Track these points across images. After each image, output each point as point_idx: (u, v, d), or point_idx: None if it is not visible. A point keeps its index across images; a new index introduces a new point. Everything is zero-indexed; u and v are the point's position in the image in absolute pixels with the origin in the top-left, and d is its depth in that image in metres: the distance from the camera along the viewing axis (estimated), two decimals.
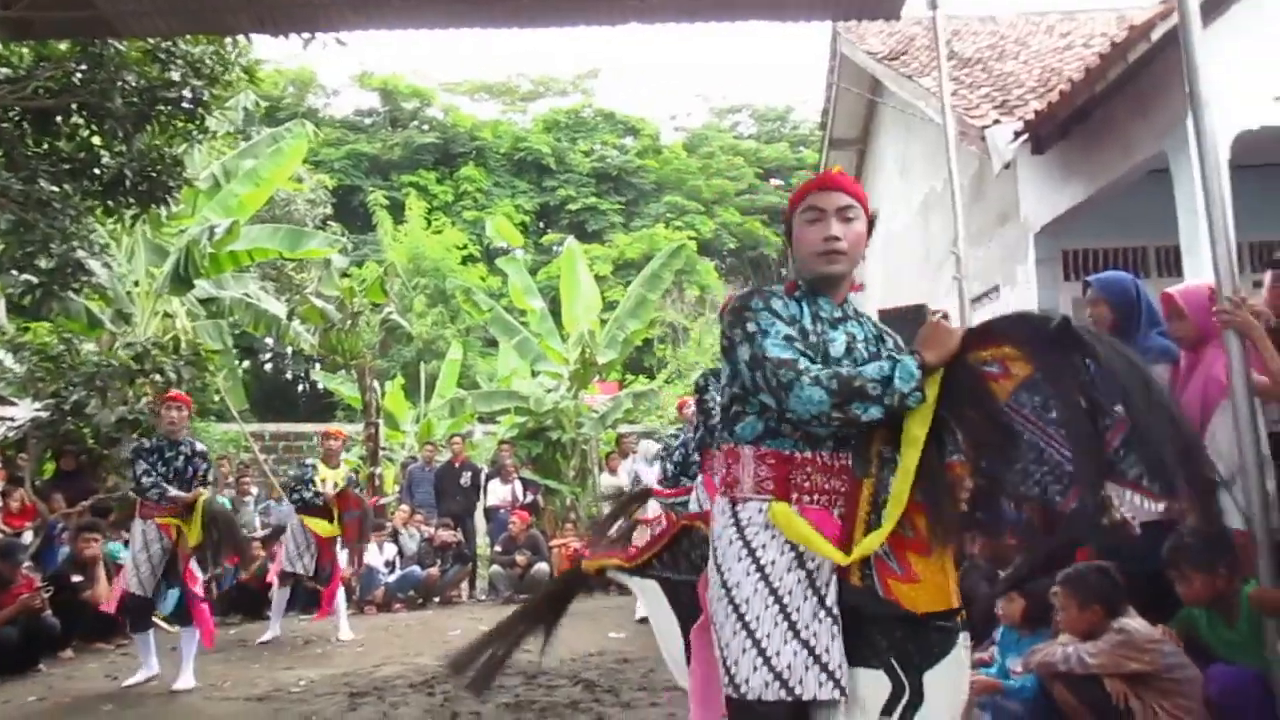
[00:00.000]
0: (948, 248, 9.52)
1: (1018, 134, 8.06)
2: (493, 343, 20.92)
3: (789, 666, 2.19)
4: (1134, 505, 2.24)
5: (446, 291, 23.44)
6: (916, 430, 2.21)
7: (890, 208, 12.64)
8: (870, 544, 2.23)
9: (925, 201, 11.33)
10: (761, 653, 2.21)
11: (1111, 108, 7.11)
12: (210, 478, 6.99)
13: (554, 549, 11.94)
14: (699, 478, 6.10)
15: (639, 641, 7.44)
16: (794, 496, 2.30)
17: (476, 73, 39.89)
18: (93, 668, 7.38)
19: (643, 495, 6.90)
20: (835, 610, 2.25)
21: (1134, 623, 3.34)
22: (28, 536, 8.89)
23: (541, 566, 11.46)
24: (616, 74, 54.95)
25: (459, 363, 18.52)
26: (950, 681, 2.21)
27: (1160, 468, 2.11)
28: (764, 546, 2.29)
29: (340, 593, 8.96)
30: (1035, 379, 2.21)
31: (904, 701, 2.19)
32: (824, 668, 2.20)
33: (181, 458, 6.68)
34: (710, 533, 2.42)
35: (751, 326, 2.32)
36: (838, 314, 2.47)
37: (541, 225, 33.11)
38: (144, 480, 6.51)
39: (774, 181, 35.26)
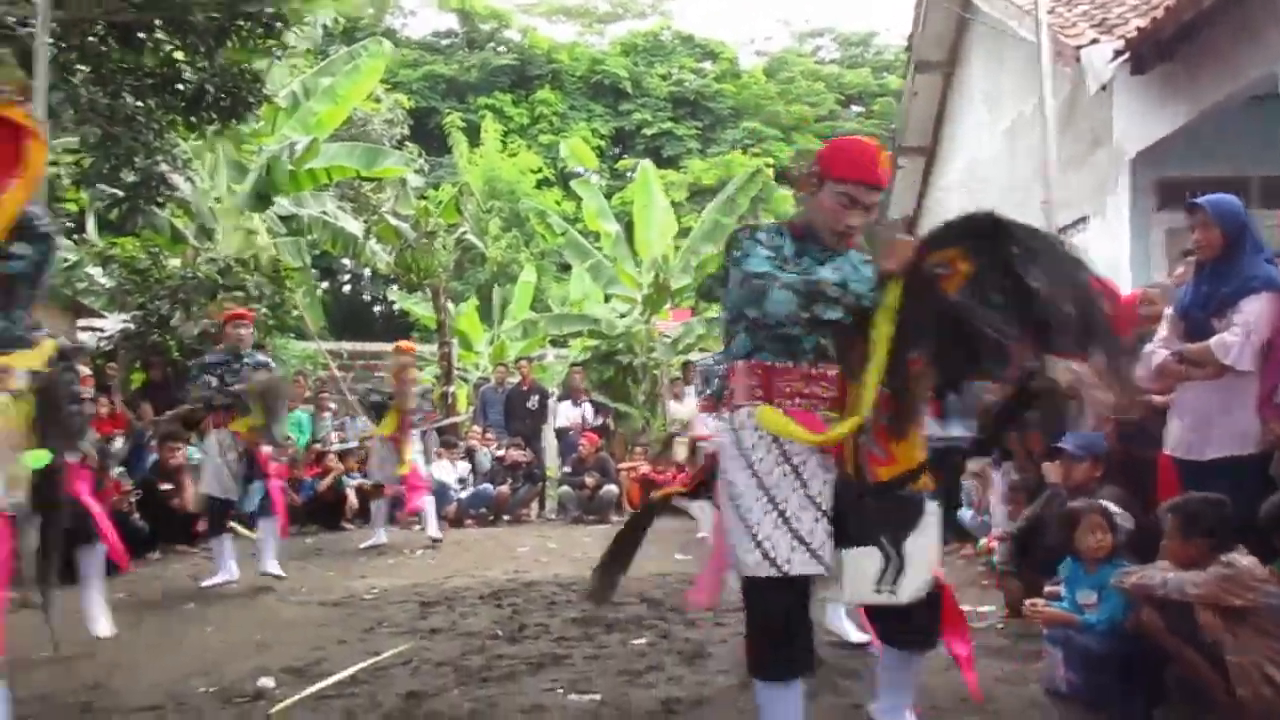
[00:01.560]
0: (1033, 176, 9.19)
1: (1117, 53, 7.68)
2: (566, 267, 20.96)
3: (775, 548, 2.63)
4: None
5: (521, 214, 23.44)
6: (882, 329, 2.59)
7: (975, 134, 12.21)
8: (840, 430, 2.65)
9: (1012, 128, 10.92)
10: (754, 538, 2.65)
11: (1218, 27, 6.72)
12: None
13: (622, 472, 12.03)
14: None
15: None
16: (777, 401, 2.72)
17: None
18: (177, 569, 7.66)
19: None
20: (819, 499, 2.67)
21: (1243, 559, 3.23)
22: (118, 444, 9.20)
23: (610, 489, 11.56)
24: None
25: (532, 285, 18.60)
26: (925, 546, 2.66)
27: (1071, 329, 2.48)
28: (753, 447, 2.71)
29: (430, 499, 9.10)
30: (977, 273, 2.55)
31: (891, 569, 2.62)
32: (809, 548, 2.63)
33: (246, 369, 6.78)
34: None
35: (737, 253, 2.73)
36: (828, 253, 2.81)
37: (617, 150, 32.83)
38: (203, 392, 6.70)
39: (855, 108, 34.41)
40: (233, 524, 7.05)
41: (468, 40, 34.80)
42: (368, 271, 25.93)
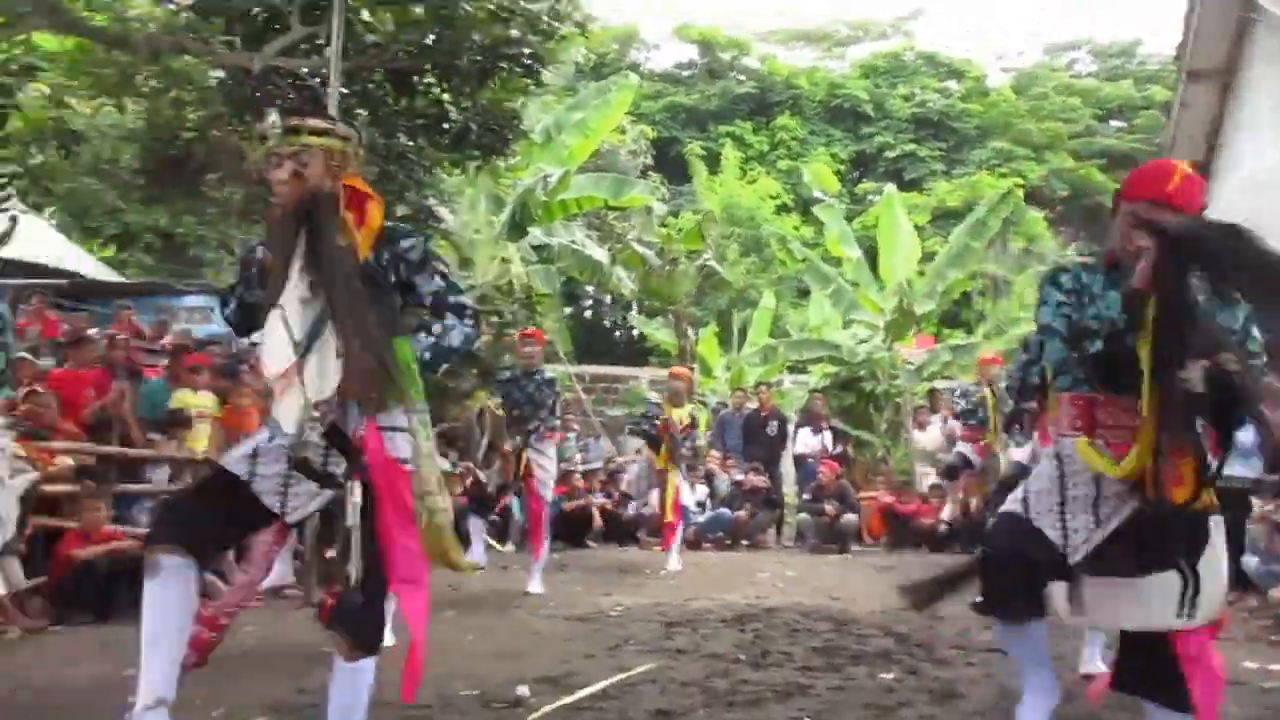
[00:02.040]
0: None
1: None
2: (804, 292, 20.80)
3: (1034, 507, 2.88)
4: None
5: (760, 240, 23.52)
6: (1141, 354, 2.60)
7: (1257, 144, 11.21)
8: (1130, 462, 2.70)
9: None
10: (1021, 498, 2.92)
11: None
12: (550, 403, 7.58)
13: (863, 501, 11.79)
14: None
15: (954, 602, 7.20)
16: (1098, 432, 2.81)
17: (793, 21, 39.39)
18: (436, 578, 8.13)
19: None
20: (1106, 526, 2.77)
21: None
22: None
23: (850, 518, 11.36)
24: (940, 14, 52.45)
25: (771, 311, 18.60)
26: (1214, 564, 2.68)
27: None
28: (1075, 474, 2.83)
29: (679, 528, 9.27)
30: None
31: (1189, 592, 2.62)
32: (1064, 530, 2.81)
33: (533, 385, 7.46)
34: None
35: (1038, 299, 2.87)
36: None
37: (857, 174, 32.37)
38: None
39: (1115, 123, 32.37)
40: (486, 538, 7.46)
41: (708, 70, 35.38)
42: (608, 297, 26.76)
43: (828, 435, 12.65)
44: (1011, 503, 2.94)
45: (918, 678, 4.70)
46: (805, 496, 12.00)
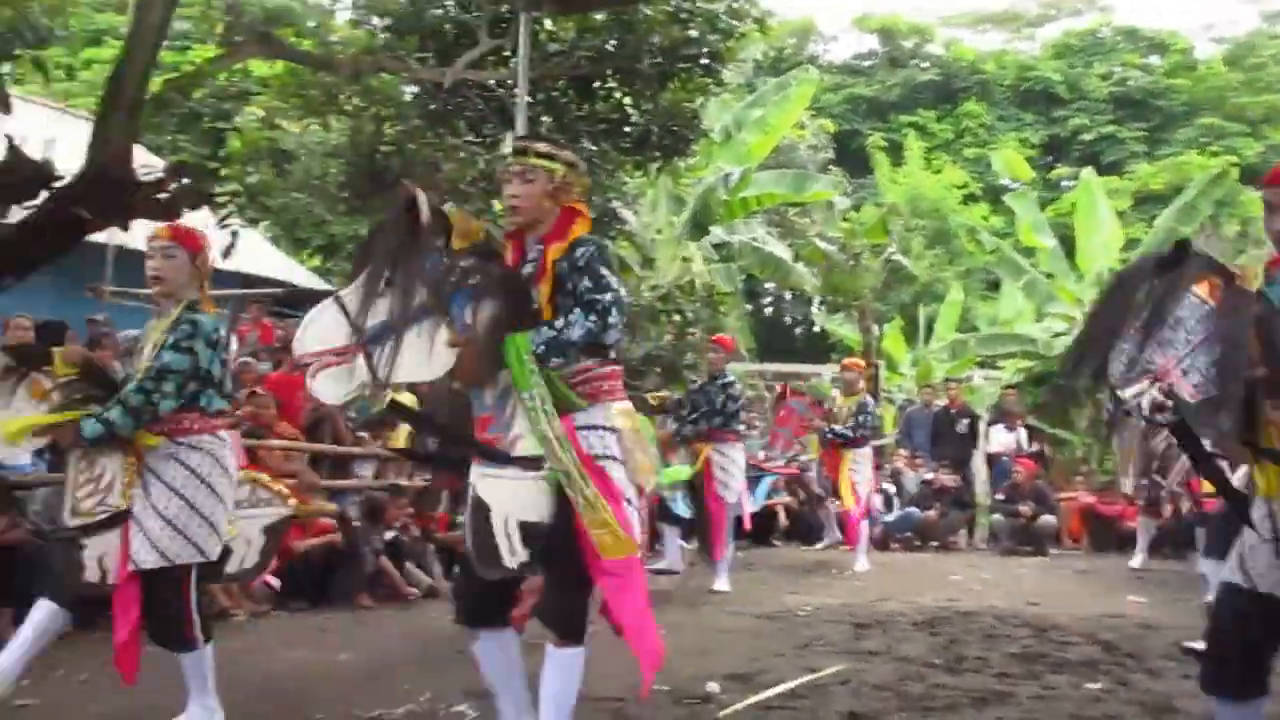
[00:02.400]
0: None
1: None
2: (994, 285, 20.06)
3: (1254, 560, 2.61)
4: None
5: (947, 232, 22.81)
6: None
7: None
8: None
9: None
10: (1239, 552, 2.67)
11: None
12: (736, 408, 7.62)
13: (1062, 502, 11.25)
14: None
15: (1164, 609, 6.80)
16: None
17: (979, 3, 38.01)
18: None
19: None
20: None
21: None
22: None
23: (1048, 520, 10.86)
24: None
25: (959, 305, 18.01)
26: None
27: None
28: None
29: (864, 525, 9.13)
30: None
31: None
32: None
33: (716, 389, 7.55)
34: None
35: None
36: None
37: (1049, 159, 30.94)
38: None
39: None
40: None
41: (889, 59, 34.58)
42: (789, 293, 26.53)
43: (1022, 433, 12.14)
44: (1230, 571, 2.72)
45: (1128, 689, 4.46)
46: (999, 497, 11.54)
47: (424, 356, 2.79)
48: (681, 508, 7.29)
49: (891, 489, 11.71)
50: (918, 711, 4.02)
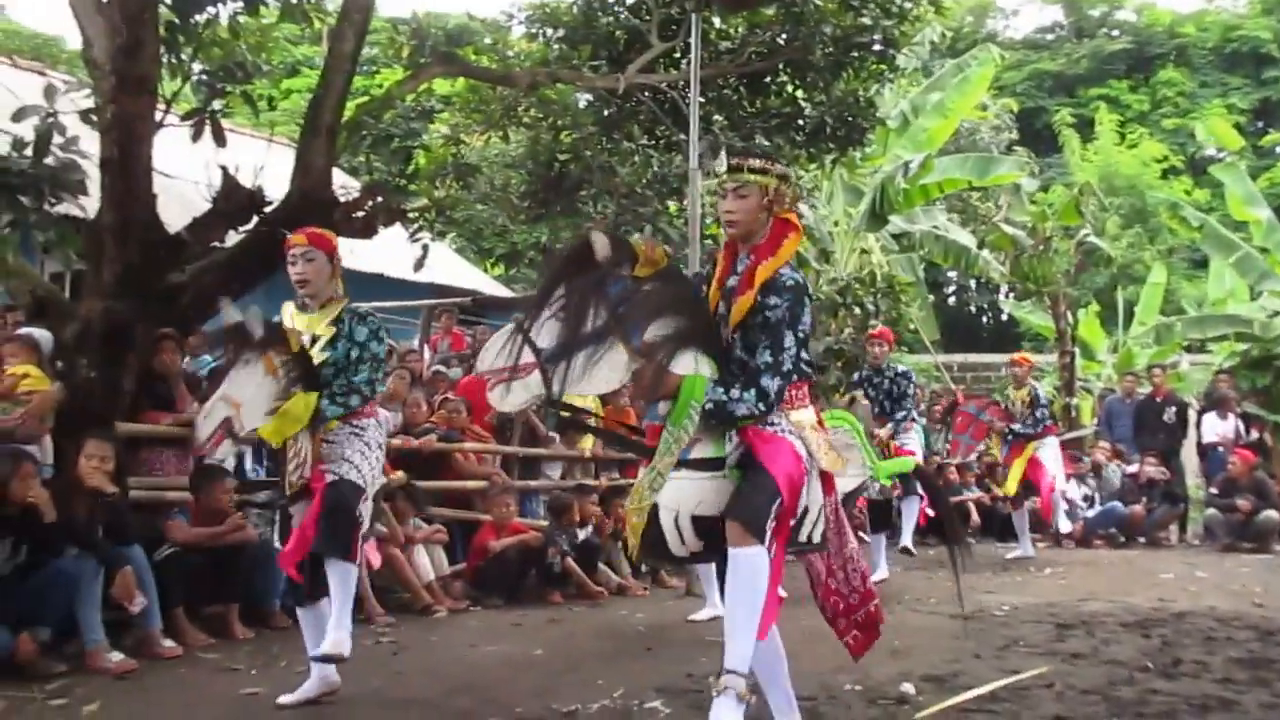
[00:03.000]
0: None
1: None
2: (1199, 263, 18.81)
3: None
4: None
5: (1145, 209, 21.49)
6: None
7: None
8: None
9: None
10: None
11: None
12: (910, 392, 7.58)
13: None
14: None
15: None
16: None
17: None
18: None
19: None
20: None
21: None
22: None
23: (1269, 515, 10.07)
24: None
25: (1161, 286, 16.92)
26: None
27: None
28: None
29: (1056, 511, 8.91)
30: None
31: None
32: None
33: (887, 380, 7.53)
34: None
35: None
36: None
37: (1260, 125, 28.69)
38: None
39: None
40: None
41: (1075, 30, 32.86)
42: (974, 281, 25.60)
43: (1238, 421, 11.31)
44: None
45: None
46: (1212, 490, 10.79)
47: (599, 372, 2.99)
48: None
49: (1092, 483, 11.13)
50: (1130, 718, 3.80)
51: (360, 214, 6.28)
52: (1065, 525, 8.69)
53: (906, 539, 7.55)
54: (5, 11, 24.47)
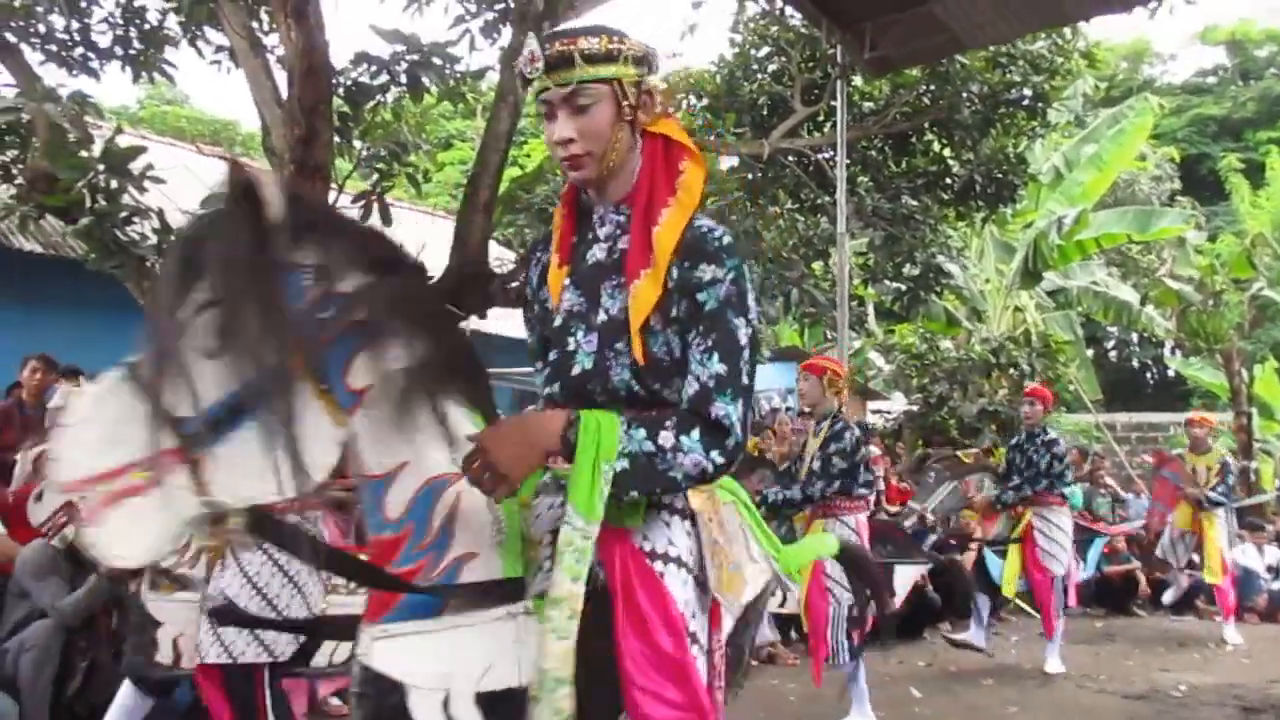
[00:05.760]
0: None
1: None
2: None
3: None
4: None
5: None
6: None
7: None
8: None
9: None
10: None
11: None
12: (1062, 469, 6.85)
13: None
14: None
15: None
16: None
17: None
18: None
19: None
20: None
21: None
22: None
23: None
24: None
25: None
26: None
27: None
28: None
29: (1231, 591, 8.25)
30: None
31: None
32: None
33: (1034, 447, 6.82)
34: None
35: None
36: None
37: None
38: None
39: None
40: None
41: (1240, 73, 31.42)
42: (1135, 337, 24.50)
43: None
44: None
45: None
46: None
47: (283, 457, 1.49)
48: (995, 572, 6.84)
49: (1276, 553, 10.39)
50: None
51: (516, 284, 6.52)
52: (1233, 633, 8.00)
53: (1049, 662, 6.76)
54: (189, 100, 26.44)
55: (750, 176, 9.86)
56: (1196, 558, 8.44)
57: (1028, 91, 9.02)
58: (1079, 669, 6.64)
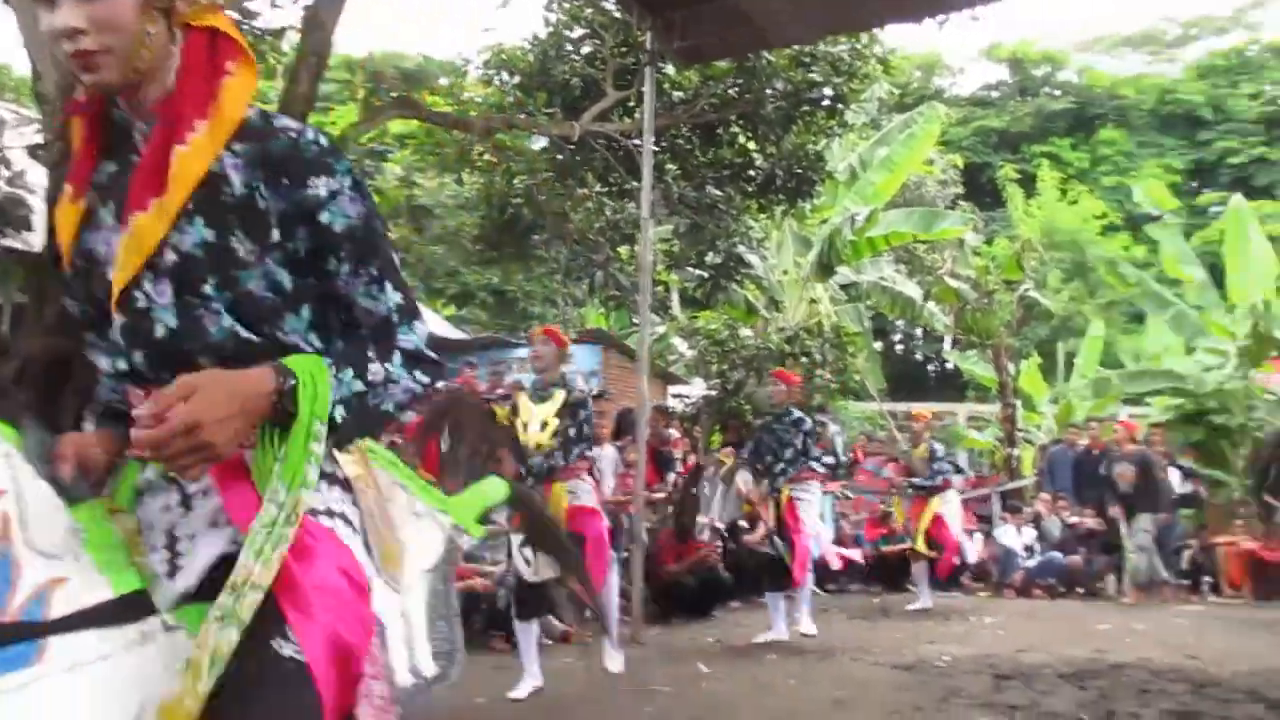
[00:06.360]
0: None
1: None
2: (1137, 318, 19.29)
3: None
4: None
5: (1085, 264, 22.06)
6: None
7: None
8: None
9: None
10: None
11: None
12: (798, 443, 7.08)
13: (1219, 547, 10.66)
14: None
15: None
16: None
17: (1114, 26, 36.92)
18: (756, 619, 8.17)
19: None
20: None
21: None
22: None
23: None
24: None
25: (1101, 340, 17.33)
26: None
27: None
28: None
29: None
30: None
31: None
32: None
33: (781, 426, 7.14)
34: None
35: None
36: None
37: (1194, 185, 29.64)
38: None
39: None
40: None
41: (1019, 89, 33.82)
42: (920, 331, 26.03)
43: (1174, 474, 11.57)
44: None
45: None
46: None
47: None
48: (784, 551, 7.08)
49: (1033, 533, 11.31)
50: None
51: None
52: (926, 598, 8.83)
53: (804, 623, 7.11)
54: None
55: (560, 158, 9.83)
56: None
57: (828, 92, 9.36)
58: (856, 643, 7.01)
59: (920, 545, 8.90)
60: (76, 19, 1.35)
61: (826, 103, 9.38)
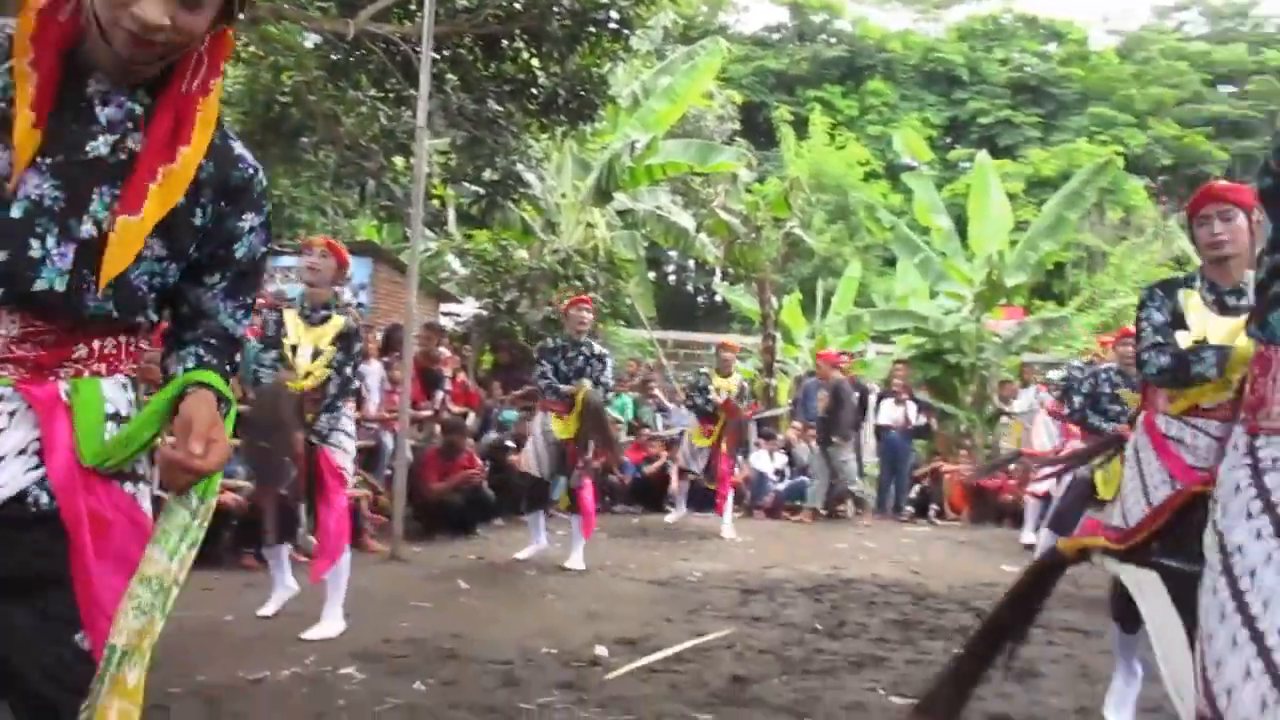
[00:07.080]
0: None
1: None
2: (891, 261, 20.53)
3: (1235, 702, 1.35)
4: None
5: (847, 208, 23.22)
6: None
7: None
8: None
9: None
10: (1262, 650, 1.35)
11: None
12: (605, 379, 7.09)
13: (945, 475, 11.66)
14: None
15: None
16: None
17: None
18: (519, 537, 8.25)
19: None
20: None
21: None
22: (470, 419, 10.11)
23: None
24: None
25: (856, 280, 18.39)
26: None
27: None
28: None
29: (729, 496, 9.35)
30: None
31: None
32: None
33: (581, 357, 6.92)
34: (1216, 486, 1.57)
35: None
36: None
37: (949, 140, 31.70)
38: (540, 380, 7.03)
39: (1225, 88, 31.08)
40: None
41: (798, 33, 34.88)
42: (692, 262, 26.71)
43: (911, 407, 12.51)
44: (1216, 609, 1.42)
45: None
46: (886, 469, 11.93)
47: None
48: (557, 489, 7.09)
49: (784, 459, 11.96)
50: (797, 674, 4.15)
51: None
52: (728, 530, 9.26)
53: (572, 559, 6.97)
54: None
55: (334, 57, 9.32)
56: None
57: (615, 14, 9.30)
58: (615, 560, 7.23)
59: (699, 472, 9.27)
60: (165, 18, 1.38)
61: (613, 25, 9.31)
